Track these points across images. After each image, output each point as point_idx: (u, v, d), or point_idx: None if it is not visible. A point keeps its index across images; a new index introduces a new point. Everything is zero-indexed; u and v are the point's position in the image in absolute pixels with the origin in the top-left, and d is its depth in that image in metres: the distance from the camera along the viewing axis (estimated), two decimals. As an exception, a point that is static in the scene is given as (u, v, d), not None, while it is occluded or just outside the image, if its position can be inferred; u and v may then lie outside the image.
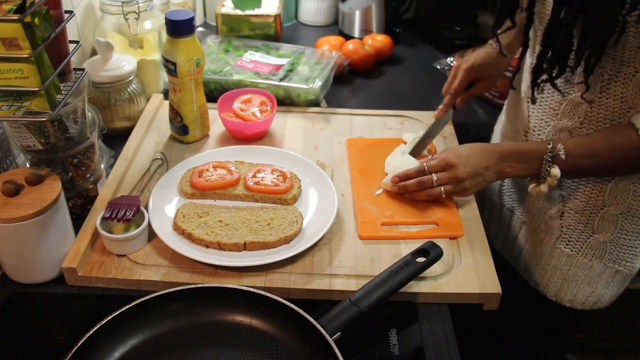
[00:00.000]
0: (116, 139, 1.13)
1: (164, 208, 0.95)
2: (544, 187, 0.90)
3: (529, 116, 0.98)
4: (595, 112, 0.87)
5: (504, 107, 1.13)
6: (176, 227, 0.91)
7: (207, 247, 0.88)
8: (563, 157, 0.87)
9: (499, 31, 0.96)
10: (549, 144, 0.88)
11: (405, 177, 0.98)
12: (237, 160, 1.05)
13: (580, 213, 0.96)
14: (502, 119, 1.14)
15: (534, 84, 0.91)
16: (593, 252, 0.98)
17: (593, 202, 0.94)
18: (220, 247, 0.88)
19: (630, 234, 0.96)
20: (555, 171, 0.88)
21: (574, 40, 0.82)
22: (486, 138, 1.19)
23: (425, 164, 0.96)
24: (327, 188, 0.99)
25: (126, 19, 1.18)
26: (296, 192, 0.98)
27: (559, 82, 0.88)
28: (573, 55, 0.83)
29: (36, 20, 0.73)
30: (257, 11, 1.48)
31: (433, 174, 0.94)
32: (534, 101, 0.95)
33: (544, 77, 0.87)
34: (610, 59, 0.82)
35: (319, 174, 1.02)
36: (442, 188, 0.94)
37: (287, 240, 0.89)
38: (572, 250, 0.99)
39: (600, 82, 0.84)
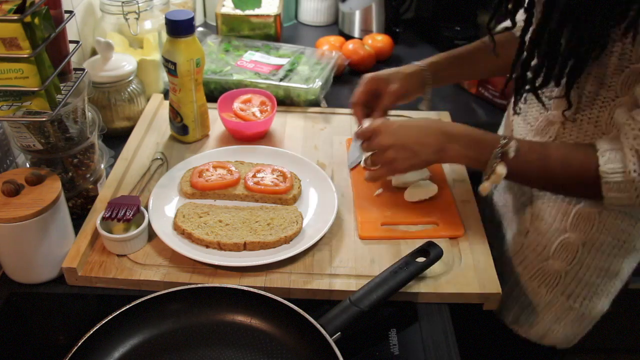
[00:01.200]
0: (116, 139, 1.13)
1: (164, 208, 0.95)
2: (487, 185, 0.83)
3: (512, 129, 0.96)
4: (568, 133, 0.84)
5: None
6: (176, 227, 0.91)
7: (207, 247, 0.88)
8: (512, 155, 0.80)
9: (495, 30, 0.89)
10: (504, 138, 0.82)
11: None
12: (237, 160, 1.05)
13: (542, 234, 0.91)
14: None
15: (517, 94, 0.85)
16: (543, 279, 0.92)
17: (557, 224, 0.89)
18: (220, 247, 0.88)
19: (590, 270, 0.89)
20: (501, 169, 0.81)
21: (561, 50, 0.77)
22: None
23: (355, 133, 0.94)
24: (327, 188, 0.99)
25: (126, 19, 1.18)
26: (296, 192, 0.98)
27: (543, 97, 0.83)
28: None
29: (36, 20, 0.73)
30: (257, 11, 1.48)
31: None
32: (516, 112, 0.90)
33: (528, 87, 0.82)
34: (590, 81, 0.78)
35: (319, 174, 1.02)
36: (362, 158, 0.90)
37: (287, 240, 0.89)
38: (523, 271, 0.94)
39: (576, 102, 0.80)
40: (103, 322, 0.71)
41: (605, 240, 0.87)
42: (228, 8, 1.49)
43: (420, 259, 0.82)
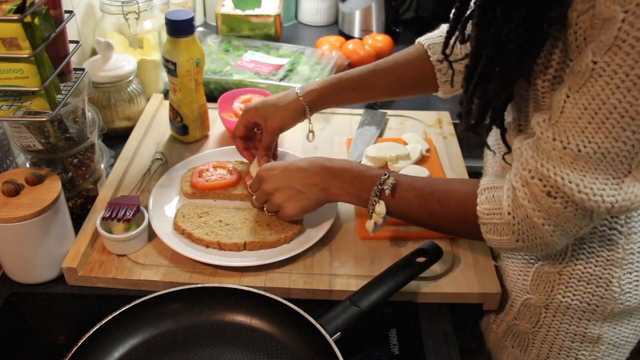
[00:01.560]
0: (116, 139, 1.13)
1: (164, 208, 0.95)
2: (369, 225, 0.80)
3: (485, 161, 0.95)
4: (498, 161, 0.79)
5: None
6: (176, 227, 0.91)
7: (207, 247, 0.88)
8: (387, 192, 0.77)
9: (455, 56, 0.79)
10: (385, 174, 0.78)
11: None
12: (237, 160, 1.05)
13: (509, 292, 0.85)
14: None
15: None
16: (515, 339, 0.85)
17: (519, 284, 0.82)
18: (220, 247, 0.88)
19: (561, 334, 0.79)
20: (380, 208, 0.77)
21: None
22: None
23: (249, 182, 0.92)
24: (327, 188, 0.99)
25: (126, 19, 1.18)
26: (296, 192, 0.98)
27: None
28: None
29: (36, 20, 0.73)
30: (257, 11, 1.48)
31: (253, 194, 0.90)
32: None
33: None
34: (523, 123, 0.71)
35: (319, 174, 1.02)
36: (264, 208, 0.89)
37: (287, 240, 0.89)
38: (497, 328, 0.88)
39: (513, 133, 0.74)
40: (103, 322, 0.71)
41: (571, 303, 0.77)
42: (228, 8, 1.49)
43: (420, 259, 0.82)
